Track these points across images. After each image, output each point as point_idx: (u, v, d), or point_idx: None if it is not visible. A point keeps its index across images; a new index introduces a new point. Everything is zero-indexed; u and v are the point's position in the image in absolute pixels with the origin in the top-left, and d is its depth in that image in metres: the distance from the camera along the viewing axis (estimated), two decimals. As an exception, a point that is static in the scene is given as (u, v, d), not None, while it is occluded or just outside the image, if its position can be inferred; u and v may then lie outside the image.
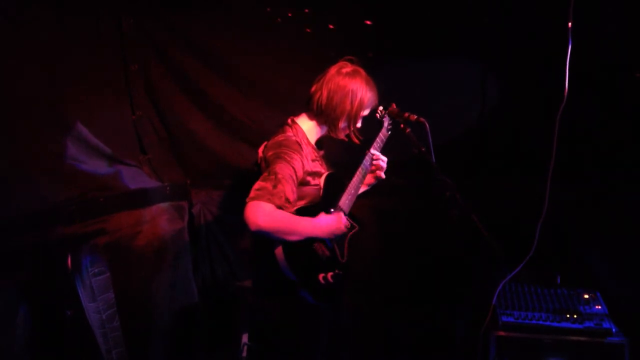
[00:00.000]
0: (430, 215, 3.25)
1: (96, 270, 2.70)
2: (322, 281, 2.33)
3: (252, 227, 2.09)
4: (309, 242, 2.31)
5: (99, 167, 3.00)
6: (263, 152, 2.41)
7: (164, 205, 3.33)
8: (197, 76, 3.40)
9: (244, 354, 2.85)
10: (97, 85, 3.08)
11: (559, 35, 2.73)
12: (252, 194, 2.16)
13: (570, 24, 2.69)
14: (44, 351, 2.57)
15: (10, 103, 2.55)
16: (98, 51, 3.11)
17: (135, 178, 3.22)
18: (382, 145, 2.64)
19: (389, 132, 2.66)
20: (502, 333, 2.67)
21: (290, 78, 3.26)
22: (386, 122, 2.64)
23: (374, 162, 2.59)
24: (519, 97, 3.07)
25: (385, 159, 2.60)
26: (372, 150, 2.59)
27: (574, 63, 2.70)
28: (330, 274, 2.35)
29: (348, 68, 2.45)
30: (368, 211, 3.37)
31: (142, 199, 3.20)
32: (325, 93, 2.41)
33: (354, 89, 2.39)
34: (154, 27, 3.32)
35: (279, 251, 2.22)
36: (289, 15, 3.29)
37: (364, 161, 2.58)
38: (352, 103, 2.39)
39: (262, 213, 2.10)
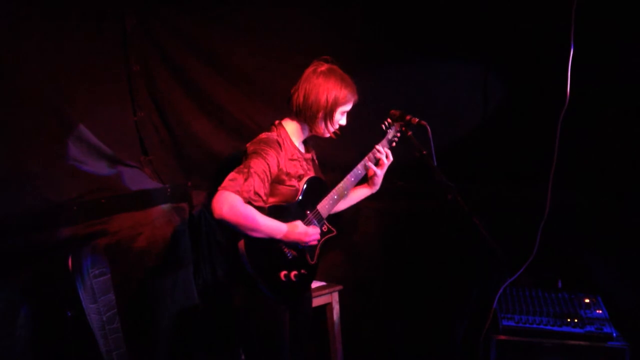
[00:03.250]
0: (431, 218, 3.25)
1: (97, 271, 2.69)
2: (284, 279, 2.39)
3: (216, 215, 2.17)
4: (275, 240, 2.36)
5: (101, 168, 2.99)
6: (247, 148, 2.47)
7: (164, 206, 3.33)
8: (198, 77, 3.41)
9: (244, 356, 2.85)
10: (99, 85, 3.08)
11: (561, 37, 2.74)
12: (224, 183, 2.24)
13: (572, 26, 2.70)
14: (45, 352, 2.57)
15: (12, 103, 2.55)
16: (100, 51, 3.11)
17: (137, 179, 3.22)
18: (380, 156, 2.65)
19: (392, 145, 2.67)
20: (502, 337, 2.67)
21: (291, 79, 3.26)
22: (390, 134, 2.65)
23: (378, 157, 2.62)
24: (520, 100, 3.06)
25: (388, 153, 2.62)
26: (366, 160, 2.63)
27: (577, 66, 2.71)
28: (294, 273, 2.42)
29: (323, 67, 2.49)
30: (370, 213, 3.38)
31: (143, 200, 3.20)
32: (302, 93, 2.46)
33: (329, 86, 2.43)
34: (156, 27, 3.33)
35: (241, 243, 2.29)
36: (289, 15, 3.29)
37: (355, 169, 2.63)
38: (327, 100, 2.43)
39: (227, 203, 2.17)
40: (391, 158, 2.65)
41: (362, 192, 2.76)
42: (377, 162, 2.65)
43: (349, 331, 3.50)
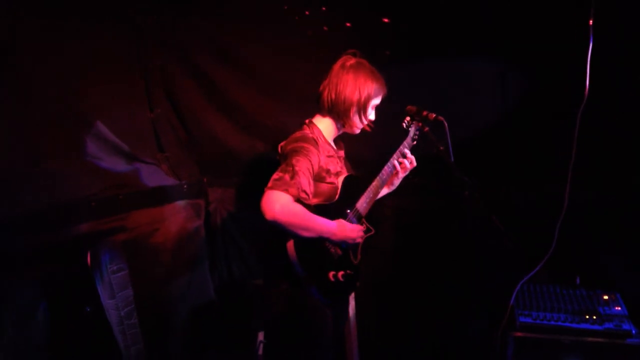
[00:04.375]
0: (447, 214, 3.23)
1: (115, 267, 2.72)
2: (332, 279, 2.36)
3: (268, 216, 2.10)
4: (322, 239, 2.33)
5: (118, 164, 3.01)
6: (282, 148, 2.44)
7: (181, 203, 3.35)
8: (214, 74, 3.41)
9: (260, 352, 2.86)
10: (116, 83, 3.09)
11: (580, 33, 2.71)
12: (270, 183, 2.19)
13: (591, 21, 2.67)
14: (64, 346, 2.59)
15: (31, 101, 2.57)
16: (117, 49, 3.12)
17: (153, 176, 3.23)
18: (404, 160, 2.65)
19: (415, 142, 2.67)
20: (519, 334, 2.66)
21: (307, 76, 3.24)
22: (412, 132, 2.65)
23: (400, 161, 2.62)
24: (538, 95, 3.04)
25: (412, 158, 2.62)
26: (394, 157, 2.62)
27: (595, 61, 2.68)
28: (341, 273, 2.39)
29: (351, 61, 2.47)
30: (387, 210, 3.37)
31: (160, 196, 3.22)
32: (333, 89, 2.44)
33: (360, 81, 2.42)
34: (173, 25, 3.33)
35: (290, 245, 2.25)
36: (306, 13, 3.29)
37: (386, 166, 2.61)
38: (359, 94, 2.42)
39: (278, 203, 2.11)
40: (415, 164, 2.64)
41: (382, 191, 2.75)
42: (400, 165, 2.64)
43: (364, 328, 3.50)
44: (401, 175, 2.66)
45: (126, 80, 3.22)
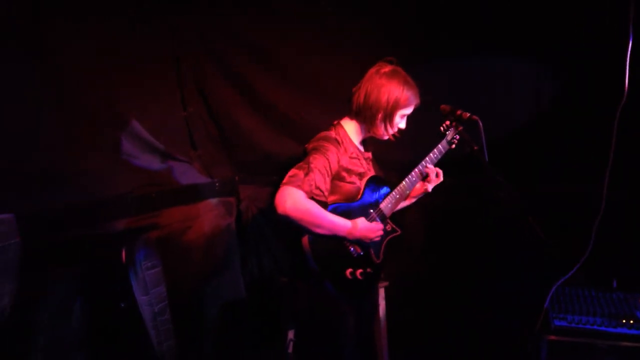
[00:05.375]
0: (480, 214, 3.20)
1: (149, 263, 2.76)
2: (350, 277, 2.38)
3: (279, 210, 2.17)
4: (340, 237, 2.34)
5: (152, 162, 3.06)
6: (305, 147, 2.48)
7: (213, 200, 3.39)
8: (246, 72, 3.43)
9: (290, 350, 2.87)
10: (151, 82, 3.14)
11: (620, 30, 2.64)
12: (285, 179, 2.25)
13: (630, 14, 2.60)
14: (99, 341, 2.64)
15: (68, 100, 2.62)
16: (150, 47, 3.16)
17: (186, 174, 3.27)
18: (439, 157, 2.63)
19: (451, 147, 2.65)
20: (554, 337, 2.61)
21: (337, 75, 3.25)
22: (449, 136, 2.62)
23: (426, 170, 2.59)
24: (575, 94, 2.97)
25: (439, 171, 2.60)
26: (427, 160, 2.60)
27: (635, 58, 2.61)
28: (359, 271, 2.41)
29: (387, 68, 2.48)
30: (418, 210, 3.35)
31: (193, 194, 3.26)
32: (363, 92, 2.45)
33: (391, 87, 2.42)
34: (205, 23, 3.36)
35: (304, 240, 2.29)
36: (335, 12, 3.28)
37: (416, 169, 2.60)
38: (387, 101, 2.41)
39: (290, 199, 2.17)
40: (441, 178, 2.65)
41: (406, 202, 2.76)
42: (426, 176, 2.65)
43: (394, 328, 3.48)
44: (429, 184, 2.64)
45: (161, 79, 3.26)
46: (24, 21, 2.40)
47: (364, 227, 2.38)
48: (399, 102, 2.43)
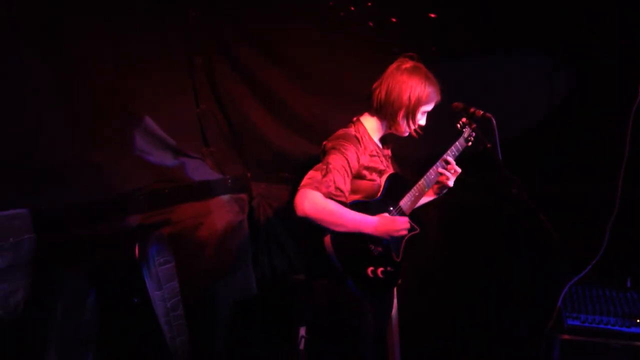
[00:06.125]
0: (493, 212, 3.18)
1: (162, 259, 2.77)
2: (371, 275, 2.37)
3: (298, 212, 2.17)
4: (362, 235, 2.33)
5: (165, 159, 3.07)
6: (324, 145, 2.45)
7: (225, 197, 3.40)
8: (259, 70, 3.44)
9: (302, 346, 2.88)
10: (164, 79, 3.15)
11: (634, 29, 2.62)
12: (303, 181, 2.24)
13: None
14: (112, 336, 2.66)
15: (81, 97, 2.64)
16: (164, 45, 3.17)
17: (199, 170, 3.29)
18: (457, 154, 2.61)
19: (468, 144, 2.63)
20: (567, 337, 2.60)
21: (351, 72, 3.25)
22: (466, 133, 2.60)
23: (446, 168, 2.57)
24: (589, 93, 2.95)
25: (458, 170, 2.58)
26: (445, 157, 2.58)
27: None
28: (380, 270, 2.39)
29: (408, 64, 2.45)
30: (432, 208, 3.34)
31: (205, 191, 3.27)
32: (384, 89, 2.42)
33: (412, 84, 2.39)
34: (218, 20, 3.37)
35: (327, 239, 2.28)
36: (352, 9, 3.27)
37: (435, 166, 2.58)
38: (409, 98, 2.39)
39: (307, 200, 2.16)
40: (458, 170, 2.59)
41: (426, 198, 2.73)
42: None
43: (406, 326, 3.48)
44: (449, 181, 2.59)
45: (174, 76, 3.28)
46: (38, 17, 2.40)
47: (390, 220, 2.37)
48: (421, 99, 2.41)
